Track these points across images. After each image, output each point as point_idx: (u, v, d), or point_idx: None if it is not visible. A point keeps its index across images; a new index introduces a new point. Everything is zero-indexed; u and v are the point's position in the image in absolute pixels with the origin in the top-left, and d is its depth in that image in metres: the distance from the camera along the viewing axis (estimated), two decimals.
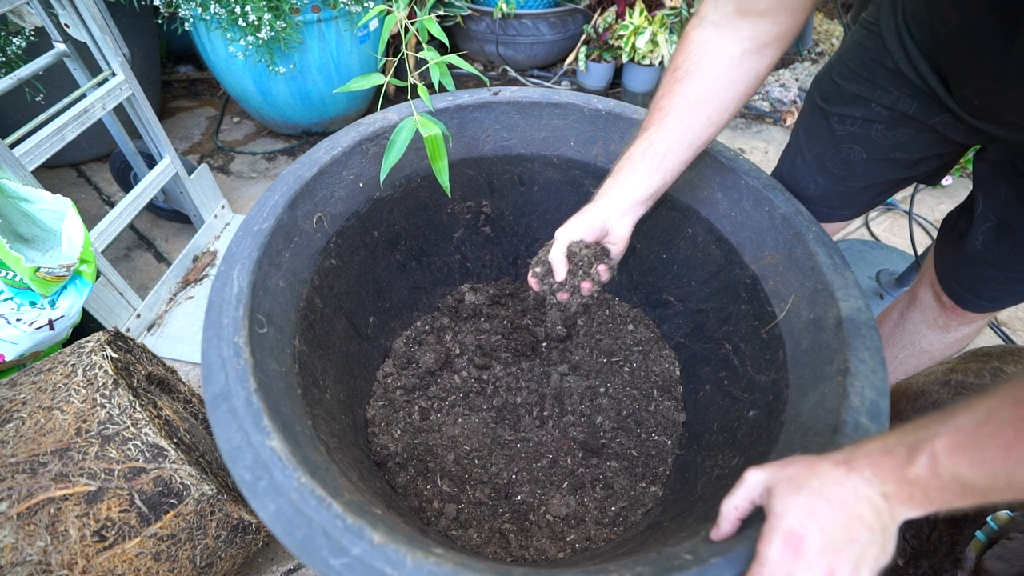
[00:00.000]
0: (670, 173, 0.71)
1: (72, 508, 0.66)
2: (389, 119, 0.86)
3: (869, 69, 0.72)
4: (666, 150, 0.69)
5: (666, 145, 0.69)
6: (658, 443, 0.95)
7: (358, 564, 0.45)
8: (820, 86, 0.80)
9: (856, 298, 0.68)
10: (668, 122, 0.68)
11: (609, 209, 0.72)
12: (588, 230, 0.73)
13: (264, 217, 0.71)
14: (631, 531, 0.84)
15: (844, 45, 0.78)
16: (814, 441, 0.59)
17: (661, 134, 0.69)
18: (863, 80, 0.73)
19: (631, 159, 0.71)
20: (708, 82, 0.66)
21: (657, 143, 0.69)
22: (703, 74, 0.66)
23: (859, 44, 0.74)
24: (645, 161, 0.69)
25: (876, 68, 0.72)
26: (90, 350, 0.76)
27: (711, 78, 0.66)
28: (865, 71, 0.73)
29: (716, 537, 0.51)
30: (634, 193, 0.70)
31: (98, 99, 1.07)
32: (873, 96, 0.73)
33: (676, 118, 0.68)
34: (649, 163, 0.69)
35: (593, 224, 0.73)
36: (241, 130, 1.91)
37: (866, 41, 0.73)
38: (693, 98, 0.67)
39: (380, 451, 0.90)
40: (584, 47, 2.00)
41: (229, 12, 1.34)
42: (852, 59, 0.74)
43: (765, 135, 1.97)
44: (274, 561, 0.94)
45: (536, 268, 0.77)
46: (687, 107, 0.68)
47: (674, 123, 0.68)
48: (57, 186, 1.62)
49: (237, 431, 0.51)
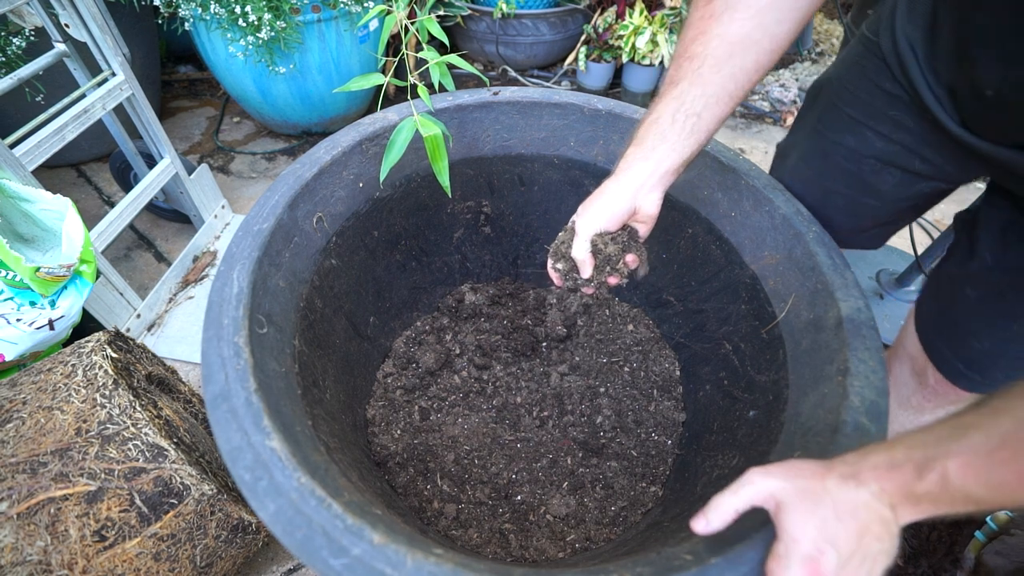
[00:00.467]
0: (706, 134, 0.59)
1: (72, 508, 0.66)
2: (389, 119, 0.86)
3: (867, 91, 0.67)
4: (701, 108, 0.57)
5: (702, 102, 0.57)
6: (658, 443, 0.95)
7: (358, 564, 0.45)
8: (817, 102, 0.75)
9: (856, 298, 0.68)
10: (703, 73, 0.56)
11: (635, 185, 0.62)
12: (612, 216, 0.64)
13: (264, 217, 0.71)
14: (631, 531, 0.84)
15: (843, 57, 0.73)
16: (814, 441, 0.59)
17: (695, 89, 0.57)
18: (861, 104, 0.68)
19: (659, 122, 0.59)
20: (756, 15, 0.53)
21: (690, 101, 0.57)
22: (750, 5, 0.53)
23: (857, 63, 0.68)
24: (677, 124, 0.58)
25: (874, 91, 0.67)
26: (90, 350, 0.76)
27: (760, 8, 0.53)
28: (863, 93, 0.67)
29: (704, 531, 0.47)
30: (664, 163, 0.60)
31: (98, 99, 1.07)
32: (869, 122, 0.68)
33: (714, 66, 0.56)
34: (681, 126, 0.58)
35: (618, 208, 0.63)
36: (241, 130, 1.91)
37: (864, 60, 0.68)
38: (736, 38, 0.54)
39: (380, 451, 0.90)
40: (584, 47, 2.00)
41: (229, 12, 1.34)
42: (850, 79, 0.69)
43: (765, 135, 1.97)
44: (274, 561, 0.94)
45: (557, 264, 0.70)
46: (728, 51, 0.55)
47: (711, 73, 0.56)
48: (57, 186, 1.62)
49: (237, 431, 0.51)
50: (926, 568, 0.89)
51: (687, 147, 0.59)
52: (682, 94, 0.58)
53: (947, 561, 0.89)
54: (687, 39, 0.57)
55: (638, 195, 0.62)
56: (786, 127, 2.00)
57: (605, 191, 0.64)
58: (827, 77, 0.75)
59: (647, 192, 0.62)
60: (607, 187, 0.64)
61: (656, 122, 0.59)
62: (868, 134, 0.69)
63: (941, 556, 0.89)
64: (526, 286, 1.17)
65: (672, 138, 0.59)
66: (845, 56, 0.72)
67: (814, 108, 0.77)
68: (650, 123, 0.60)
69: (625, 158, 0.63)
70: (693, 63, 0.56)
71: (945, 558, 0.89)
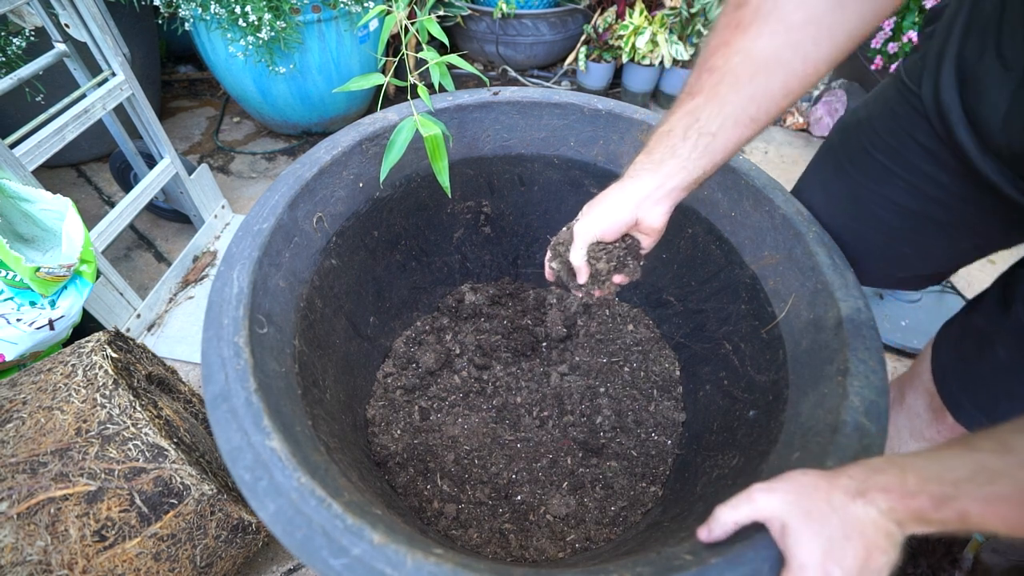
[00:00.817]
0: (722, 155, 0.54)
1: (72, 508, 0.66)
2: (389, 119, 0.86)
3: (899, 140, 0.63)
4: (716, 129, 0.52)
5: (717, 122, 0.52)
6: (658, 443, 0.95)
7: (358, 564, 0.45)
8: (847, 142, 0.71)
9: (856, 298, 0.68)
10: (721, 91, 0.51)
11: (640, 195, 0.58)
12: (613, 224, 0.61)
13: (264, 217, 0.71)
14: (631, 531, 0.84)
15: (874, 97, 0.68)
16: (814, 441, 0.59)
17: (711, 107, 0.52)
18: (892, 152, 0.64)
19: (671, 135, 0.55)
20: (789, 31, 0.46)
21: (705, 118, 0.52)
22: (783, 19, 0.46)
23: (890, 109, 0.64)
24: (688, 142, 0.54)
25: (907, 141, 0.63)
26: (90, 350, 0.76)
27: (794, 25, 0.46)
28: (894, 141, 0.64)
29: (707, 539, 0.50)
30: (672, 179, 0.56)
31: (98, 99, 1.07)
32: (901, 173, 0.64)
33: (733, 85, 0.50)
34: (693, 144, 0.54)
35: (619, 217, 0.60)
36: (241, 130, 1.91)
37: (897, 107, 0.63)
38: (762, 56, 0.48)
39: (380, 451, 0.90)
40: (584, 47, 2.00)
41: (229, 12, 1.34)
42: (882, 124, 0.65)
43: (765, 135, 1.97)
44: (274, 561, 0.94)
45: (553, 263, 0.70)
46: (751, 70, 0.49)
47: (730, 92, 0.50)
48: (57, 186, 1.62)
49: (237, 431, 0.51)
50: (925, 568, 0.89)
51: (698, 167, 0.55)
52: (697, 109, 0.53)
53: (946, 561, 0.89)
54: (710, 47, 0.52)
55: (642, 206, 0.59)
56: (786, 127, 2.00)
57: (608, 198, 0.61)
58: (856, 118, 0.71)
59: (652, 205, 0.59)
60: (611, 194, 0.61)
61: (668, 134, 0.55)
62: (899, 184, 0.65)
63: (940, 556, 0.90)
64: (526, 286, 1.17)
65: (683, 154, 0.55)
66: (877, 96, 0.68)
67: (845, 148, 0.73)
68: (662, 134, 0.56)
69: (634, 165, 0.60)
70: (712, 77, 0.51)
71: (944, 558, 0.89)
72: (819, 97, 1.91)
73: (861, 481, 0.43)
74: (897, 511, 0.41)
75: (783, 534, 0.44)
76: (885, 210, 0.68)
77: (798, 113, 1.98)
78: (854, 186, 0.71)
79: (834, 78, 1.94)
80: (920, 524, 0.41)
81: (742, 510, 0.47)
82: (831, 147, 0.76)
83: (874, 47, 1.61)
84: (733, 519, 0.47)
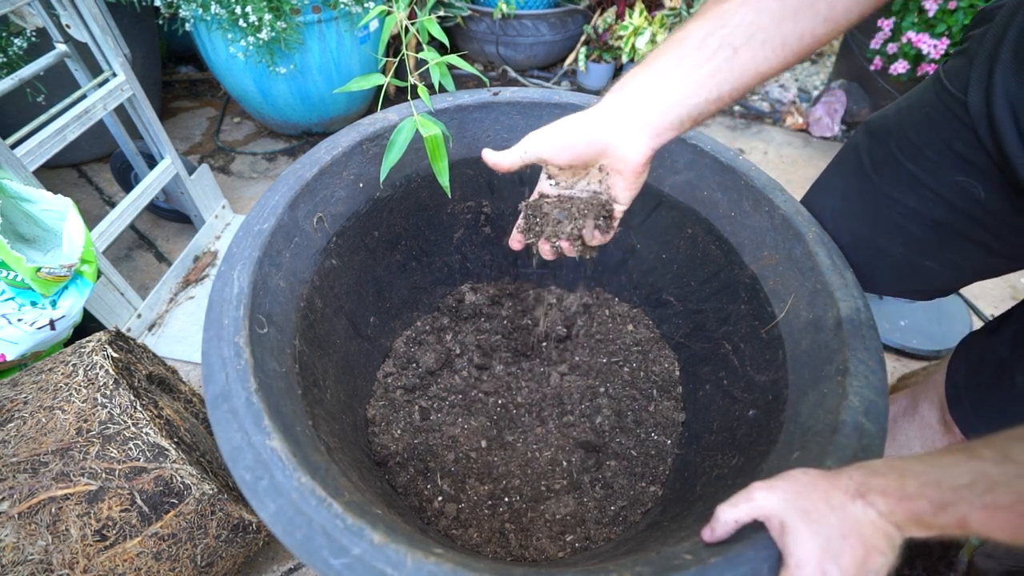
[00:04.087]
0: (741, 80, 0.43)
1: (73, 507, 0.66)
2: (389, 119, 0.86)
3: (936, 150, 0.59)
4: (743, 41, 0.42)
5: (745, 33, 0.42)
6: (658, 443, 0.95)
7: (358, 564, 0.45)
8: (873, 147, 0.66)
9: (856, 299, 0.68)
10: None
11: (617, 112, 0.46)
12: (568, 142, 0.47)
13: (264, 217, 0.71)
14: (631, 531, 0.84)
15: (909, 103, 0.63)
16: (813, 441, 0.59)
17: (744, 13, 0.42)
18: (925, 162, 0.60)
19: (683, 43, 0.44)
20: None
21: (733, 27, 0.42)
22: None
23: (926, 116, 0.60)
24: (704, 51, 0.43)
25: (944, 151, 0.59)
26: (91, 350, 0.76)
27: None
28: (930, 151, 0.60)
29: (711, 539, 0.50)
30: (669, 96, 0.44)
31: (99, 99, 1.07)
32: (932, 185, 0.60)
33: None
34: (710, 55, 0.43)
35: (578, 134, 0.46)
36: (241, 130, 1.92)
37: (935, 114, 0.59)
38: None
39: (380, 451, 0.91)
40: (584, 47, 2.00)
41: (230, 13, 1.34)
42: (916, 132, 0.61)
43: (765, 135, 1.97)
44: (274, 561, 0.94)
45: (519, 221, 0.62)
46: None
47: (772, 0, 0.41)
48: (58, 186, 1.62)
49: (238, 431, 0.51)
50: (921, 571, 0.90)
51: (708, 87, 0.43)
52: (727, 14, 0.42)
53: (942, 564, 0.89)
54: None
55: (616, 127, 0.45)
56: (786, 127, 2.00)
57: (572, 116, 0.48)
58: (886, 124, 0.67)
59: (631, 130, 0.45)
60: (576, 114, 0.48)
61: (680, 42, 0.44)
62: (927, 194, 0.61)
63: (936, 559, 0.90)
64: (526, 286, 1.18)
65: (689, 64, 0.43)
66: (912, 102, 0.64)
67: (871, 154, 0.68)
68: (672, 42, 0.45)
69: (619, 81, 0.48)
70: None
71: (940, 561, 0.89)
72: (819, 97, 1.91)
73: (861, 482, 0.43)
74: (896, 514, 0.41)
75: (782, 532, 0.44)
76: (908, 220, 0.65)
77: (798, 113, 1.98)
78: (876, 194, 0.67)
79: (833, 78, 1.94)
80: (919, 528, 0.41)
81: (741, 508, 0.47)
82: (856, 150, 0.72)
83: (873, 47, 1.61)
84: (733, 517, 0.48)
